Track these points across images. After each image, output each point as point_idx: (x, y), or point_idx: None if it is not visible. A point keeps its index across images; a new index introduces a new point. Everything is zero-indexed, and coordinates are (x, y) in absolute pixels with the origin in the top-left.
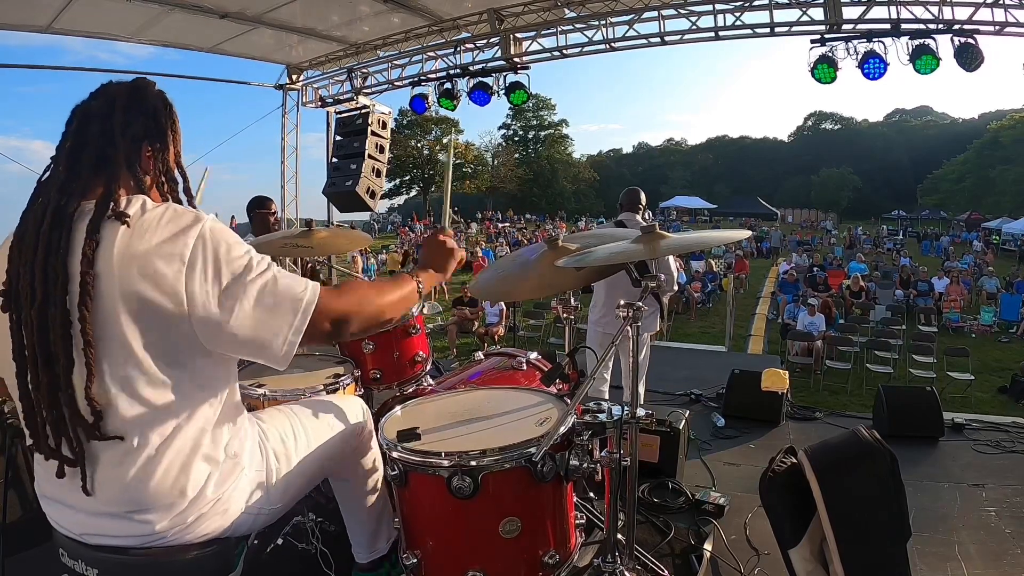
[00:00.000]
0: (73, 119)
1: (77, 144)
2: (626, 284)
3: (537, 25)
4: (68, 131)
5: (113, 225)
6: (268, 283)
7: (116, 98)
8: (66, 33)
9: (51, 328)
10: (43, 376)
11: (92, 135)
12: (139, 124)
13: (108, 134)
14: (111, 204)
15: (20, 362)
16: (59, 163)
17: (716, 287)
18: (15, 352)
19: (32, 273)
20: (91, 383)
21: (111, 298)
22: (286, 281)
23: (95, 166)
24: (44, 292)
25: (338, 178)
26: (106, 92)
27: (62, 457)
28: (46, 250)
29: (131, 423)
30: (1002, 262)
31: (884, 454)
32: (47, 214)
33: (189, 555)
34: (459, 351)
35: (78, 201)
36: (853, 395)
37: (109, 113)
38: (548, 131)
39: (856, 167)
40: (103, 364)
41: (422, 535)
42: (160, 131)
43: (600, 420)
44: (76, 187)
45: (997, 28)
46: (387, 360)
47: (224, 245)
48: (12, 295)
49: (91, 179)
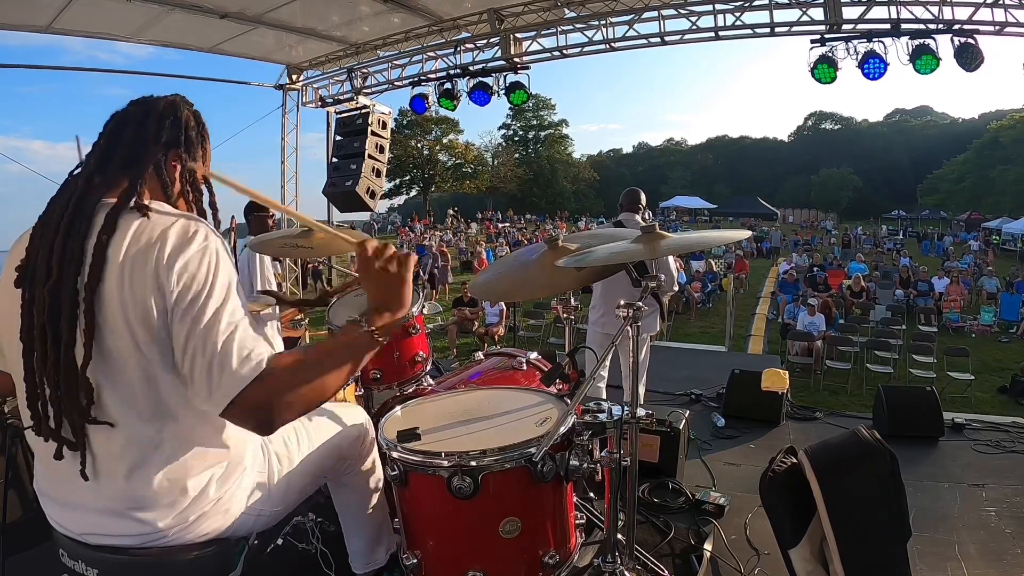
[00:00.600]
0: (111, 121)
1: (110, 144)
2: (626, 284)
3: (537, 25)
4: (104, 131)
5: (131, 216)
6: (219, 341)
7: (153, 107)
8: (66, 33)
9: (62, 306)
10: (51, 353)
11: (126, 137)
12: (171, 133)
13: (141, 137)
14: (133, 198)
15: (28, 341)
16: (91, 158)
17: (716, 287)
18: (23, 330)
19: (50, 252)
20: (87, 363)
21: (114, 287)
22: (237, 348)
23: (124, 164)
24: (60, 271)
25: (338, 178)
26: (145, 102)
27: (62, 438)
28: (67, 232)
29: (127, 413)
30: (1002, 262)
31: (884, 454)
32: (72, 201)
33: (189, 555)
34: (459, 351)
35: (103, 192)
36: (853, 395)
37: (144, 119)
38: (548, 131)
39: (856, 167)
40: (102, 347)
41: (422, 535)
42: (190, 143)
43: (600, 420)
44: (103, 180)
45: (997, 28)
46: (387, 360)
47: (211, 278)
48: (29, 272)
49: (118, 175)
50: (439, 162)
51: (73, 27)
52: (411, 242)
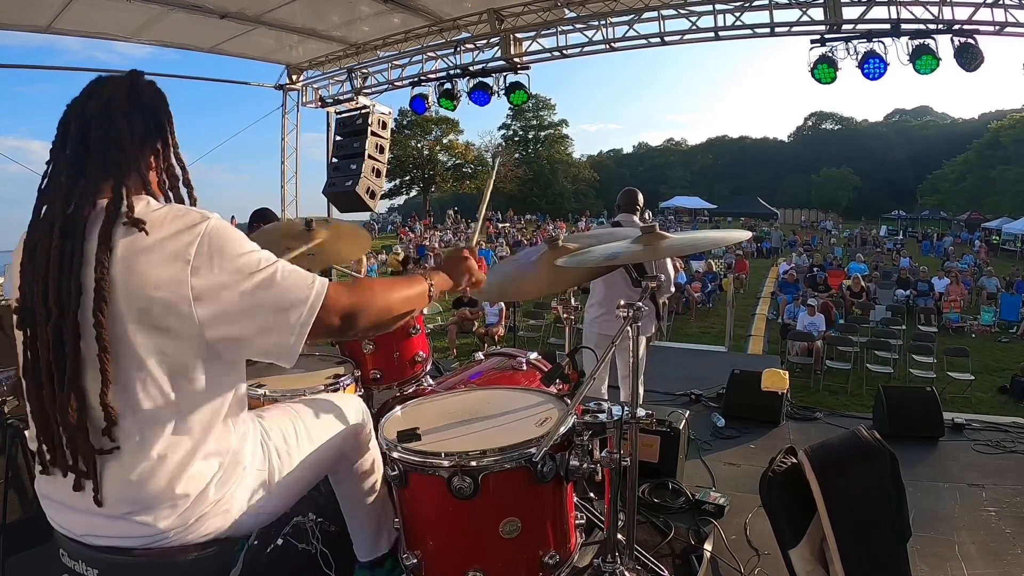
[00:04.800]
0: (70, 122)
1: (80, 152)
2: (623, 284)
3: (537, 25)
4: (66, 136)
5: (126, 230)
6: (274, 278)
7: (112, 99)
8: (66, 33)
9: (66, 343)
10: (58, 391)
11: (95, 141)
12: (142, 126)
13: (114, 140)
14: (123, 208)
15: (32, 378)
16: (60, 171)
17: (716, 287)
18: (26, 368)
19: (46, 289)
20: (107, 389)
21: (118, 301)
22: (292, 276)
23: (101, 170)
24: (59, 309)
25: (338, 178)
26: (101, 92)
27: (80, 471)
28: (59, 265)
29: (136, 426)
30: (1002, 262)
31: (884, 454)
32: (56, 226)
33: (190, 555)
34: (459, 351)
35: (89, 205)
36: (853, 395)
37: (109, 116)
38: (548, 131)
39: (856, 167)
40: (117, 371)
41: (422, 535)
42: (161, 128)
43: (600, 420)
44: (83, 192)
45: (997, 28)
46: (387, 360)
47: (228, 242)
48: (27, 313)
49: (98, 184)
50: (439, 162)
51: (73, 27)
52: (411, 242)
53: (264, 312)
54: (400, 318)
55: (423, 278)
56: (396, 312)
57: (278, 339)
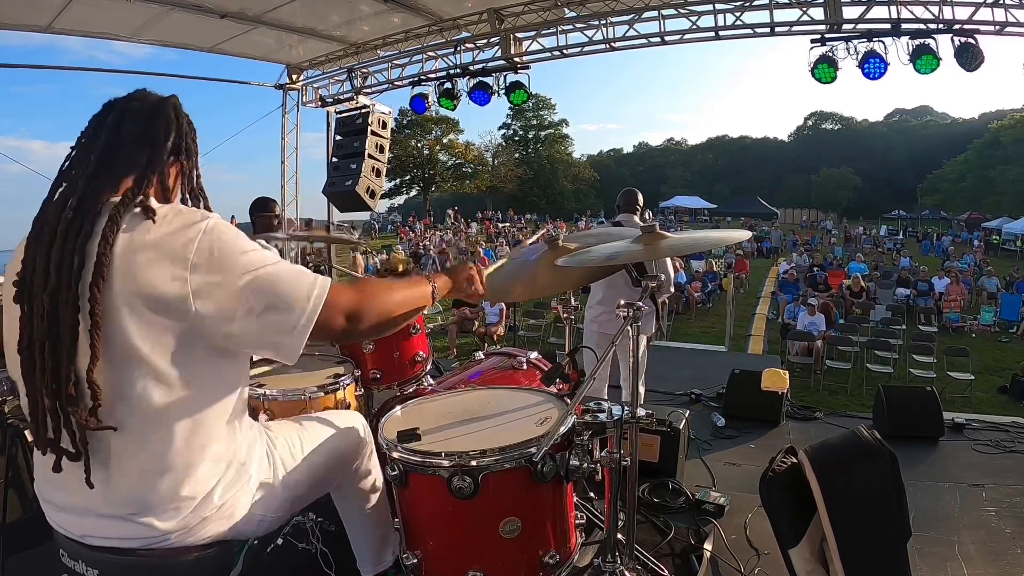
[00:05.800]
0: (108, 114)
1: (112, 142)
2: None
3: (537, 25)
4: (101, 126)
5: (136, 217)
6: (275, 277)
7: (155, 107)
8: (66, 33)
9: (61, 311)
10: (48, 362)
11: (130, 135)
12: (173, 139)
13: (149, 139)
14: (139, 197)
15: (28, 353)
16: (90, 153)
17: (716, 287)
18: (22, 344)
19: (48, 258)
20: (93, 366)
21: (116, 288)
22: (294, 275)
23: (128, 163)
24: (58, 276)
25: (338, 178)
26: (144, 98)
27: (61, 449)
28: (65, 235)
29: (133, 419)
30: (1002, 262)
31: (884, 454)
32: (72, 202)
33: (191, 556)
34: (459, 351)
35: (110, 190)
36: (853, 395)
37: (147, 119)
38: (548, 131)
39: (856, 167)
40: (107, 351)
41: (422, 535)
42: (190, 152)
43: (600, 420)
44: (106, 180)
45: (997, 28)
46: (387, 360)
47: (229, 241)
48: (26, 284)
49: (124, 173)
50: (439, 162)
51: (73, 27)
52: (411, 242)
53: (265, 311)
54: (402, 319)
55: (426, 279)
56: (398, 312)
57: (280, 338)
